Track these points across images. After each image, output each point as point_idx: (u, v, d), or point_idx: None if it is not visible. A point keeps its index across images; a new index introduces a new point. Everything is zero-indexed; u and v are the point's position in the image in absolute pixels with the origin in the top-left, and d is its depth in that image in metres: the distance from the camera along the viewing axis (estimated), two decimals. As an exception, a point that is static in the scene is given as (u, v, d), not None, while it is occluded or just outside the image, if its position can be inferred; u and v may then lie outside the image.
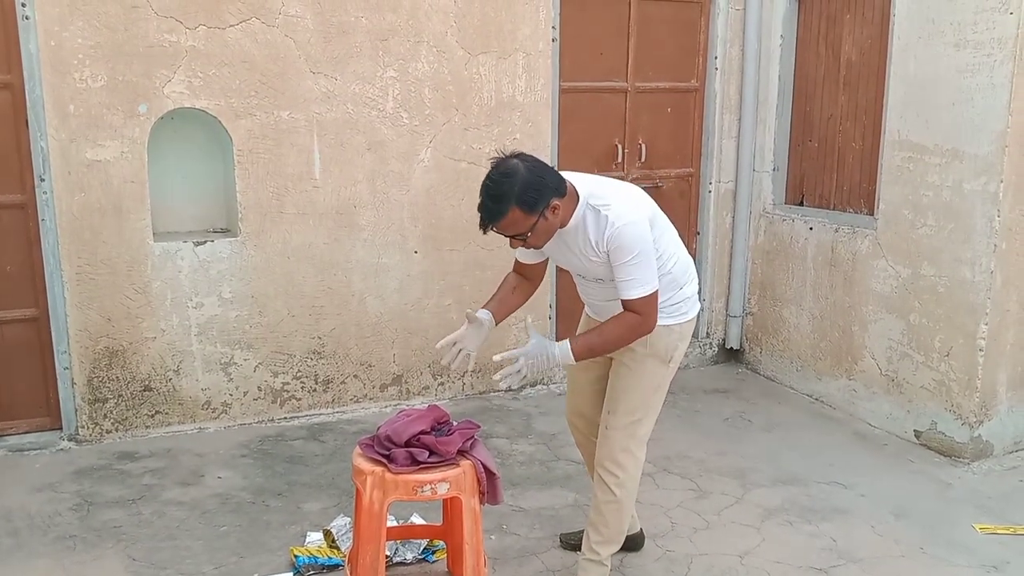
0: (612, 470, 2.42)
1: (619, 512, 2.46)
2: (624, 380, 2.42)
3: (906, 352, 3.72)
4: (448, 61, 3.87)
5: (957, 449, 3.52)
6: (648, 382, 2.42)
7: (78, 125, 3.37)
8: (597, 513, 2.48)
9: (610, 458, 2.42)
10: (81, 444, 3.57)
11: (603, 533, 2.47)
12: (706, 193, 4.62)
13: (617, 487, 2.43)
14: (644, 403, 2.43)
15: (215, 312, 3.69)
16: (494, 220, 2.16)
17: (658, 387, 2.45)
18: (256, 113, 3.61)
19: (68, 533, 2.87)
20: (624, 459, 2.42)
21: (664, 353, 2.41)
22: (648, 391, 2.43)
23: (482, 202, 2.18)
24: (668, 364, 2.43)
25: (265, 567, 2.67)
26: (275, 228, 3.73)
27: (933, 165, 3.54)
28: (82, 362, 3.52)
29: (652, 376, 2.41)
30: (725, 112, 4.53)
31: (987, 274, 3.36)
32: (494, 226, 2.18)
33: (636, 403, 2.41)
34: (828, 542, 2.88)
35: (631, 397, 2.41)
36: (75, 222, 3.43)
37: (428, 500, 2.26)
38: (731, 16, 4.42)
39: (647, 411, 2.44)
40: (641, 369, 2.40)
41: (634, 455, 2.44)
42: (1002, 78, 3.24)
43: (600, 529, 2.47)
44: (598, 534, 2.48)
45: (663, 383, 2.46)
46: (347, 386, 3.98)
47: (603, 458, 2.44)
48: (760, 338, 4.62)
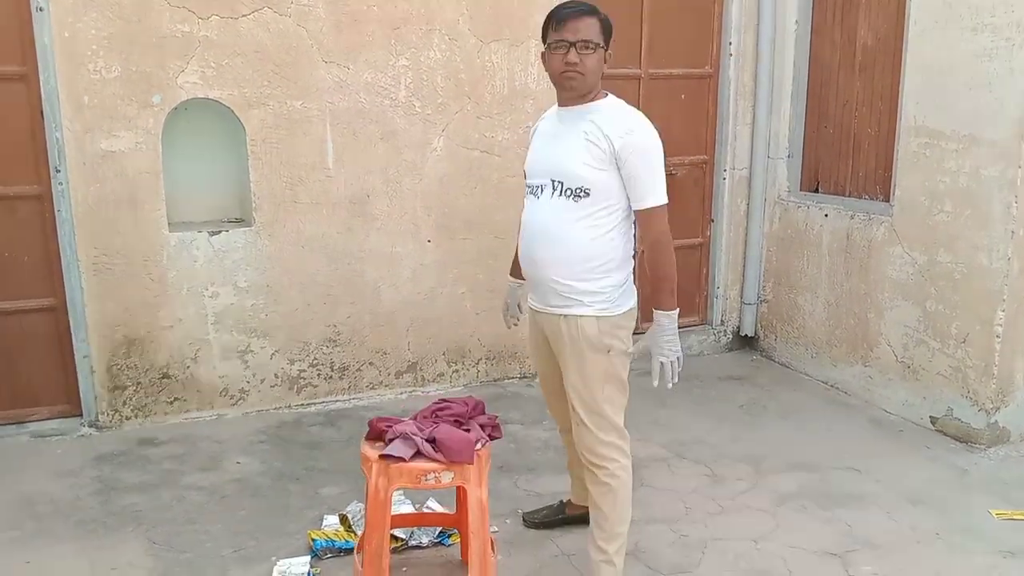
0: (596, 462, 2.37)
1: (614, 502, 2.38)
2: (571, 376, 2.34)
3: (922, 339, 3.70)
4: (460, 49, 3.87)
5: (973, 435, 3.51)
6: (593, 373, 2.31)
7: (93, 116, 3.39)
8: (595, 508, 2.42)
9: (589, 452, 2.37)
10: (101, 430, 3.61)
11: (604, 528, 2.40)
12: (720, 180, 4.60)
13: (608, 477, 2.36)
14: (596, 396, 2.32)
15: (231, 301, 3.72)
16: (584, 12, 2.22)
17: (607, 377, 2.32)
18: (269, 103, 3.62)
19: (90, 517, 2.92)
20: (603, 450, 2.35)
21: (598, 342, 2.29)
22: (596, 383, 2.32)
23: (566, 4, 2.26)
24: (608, 355, 2.30)
25: (283, 550, 2.71)
26: (289, 218, 3.75)
27: (950, 151, 3.51)
28: (101, 350, 3.56)
29: (594, 367, 2.30)
30: (739, 99, 4.50)
31: (1004, 261, 3.34)
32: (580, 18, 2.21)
33: (588, 397, 2.33)
34: (843, 527, 2.89)
35: (583, 391, 2.33)
36: (91, 213, 3.46)
37: (432, 488, 2.26)
38: (745, 2, 4.39)
39: (604, 402, 2.33)
40: (581, 363, 2.31)
41: (612, 444, 2.35)
42: (1020, 62, 3.20)
43: (601, 524, 2.41)
44: (600, 530, 2.41)
45: (612, 371, 2.33)
46: (363, 373, 4.01)
47: (583, 453, 2.39)
48: (775, 325, 4.61)
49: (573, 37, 2.22)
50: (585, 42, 2.22)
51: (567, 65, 2.23)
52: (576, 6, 2.26)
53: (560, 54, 2.24)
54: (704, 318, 4.79)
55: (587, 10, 2.25)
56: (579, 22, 2.22)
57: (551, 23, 2.27)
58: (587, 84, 2.27)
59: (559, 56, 2.25)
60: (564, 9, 2.26)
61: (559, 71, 2.26)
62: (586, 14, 2.24)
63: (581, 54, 2.22)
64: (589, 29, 2.23)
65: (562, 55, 2.24)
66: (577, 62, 2.22)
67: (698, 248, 4.70)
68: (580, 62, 2.22)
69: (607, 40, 2.28)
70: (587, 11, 2.25)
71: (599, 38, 2.25)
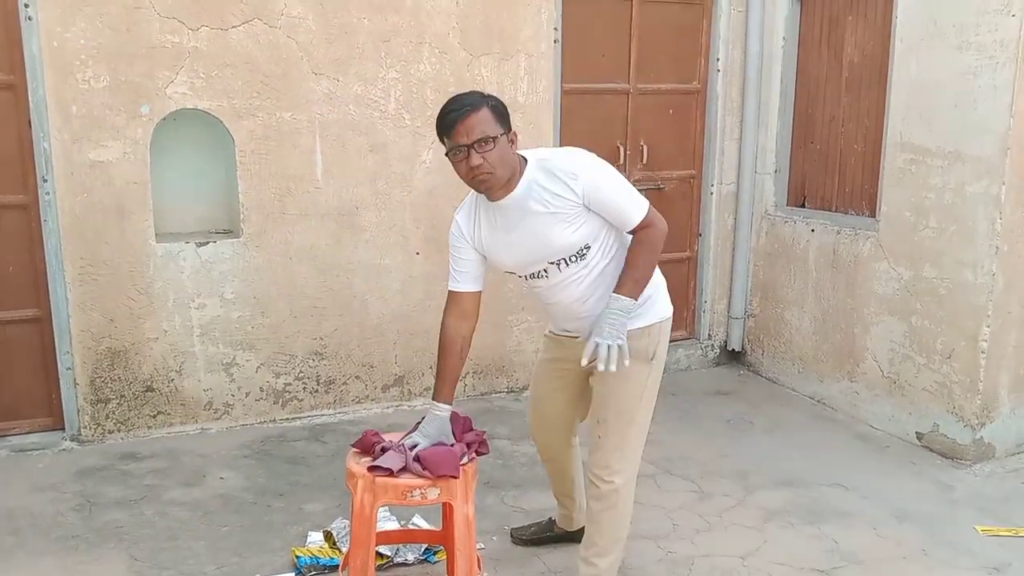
0: (605, 477, 2.32)
1: (615, 520, 2.34)
2: (609, 385, 2.30)
3: (908, 354, 3.72)
4: (450, 62, 3.88)
5: (959, 451, 3.52)
6: (634, 383, 2.30)
7: (81, 126, 3.37)
8: (592, 523, 2.38)
9: (603, 464, 2.32)
10: (83, 444, 3.57)
11: (599, 543, 2.37)
12: (708, 195, 4.63)
13: (612, 493, 2.32)
14: (632, 406, 2.31)
15: (217, 313, 3.70)
16: (469, 108, 2.06)
17: (645, 387, 2.33)
18: (258, 114, 3.61)
19: (71, 533, 2.88)
20: (618, 465, 2.31)
21: (644, 351, 2.29)
22: (635, 394, 2.31)
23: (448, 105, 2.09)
24: (651, 361, 2.32)
25: (267, 567, 2.68)
26: (277, 229, 3.73)
27: (935, 167, 3.54)
28: (84, 363, 3.53)
29: (637, 376, 2.29)
30: (727, 114, 4.53)
31: (989, 276, 3.36)
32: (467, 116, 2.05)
33: (624, 407, 2.32)
34: (830, 544, 2.88)
35: (619, 401, 2.31)
36: (77, 223, 3.43)
37: (418, 504, 2.24)
38: (733, 18, 4.42)
39: (636, 414, 2.32)
40: (623, 372, 2.23)
41: (629, 461, 2.34)
42: (1004, 80, 3.24)
43: (596, 540, 2.37)
44: (594, 545, 2.38)
45: (650, 383, 2.34)
46: (349, 387, 3.98)
47: (595, 465, 2.34)
48: (762, 340, 4.62)
49: (468, 140, 2.07)
50: (481, 141, 2.07)
51: (473, 170, 2.10)
52: (460, 105, 2.09)
53: (462, 160, 2.11)
54: (691, 332, 4.80)
55: (473, 104, 2.08)
56: (468, 120, 2.06)
57: (441, 130, 2.13)
58: (501, 177, 2.13)
59: (462, 163, 2.11)
60: (450, 113, 2.09)
61: (468, 178, 2.14)
62: (473, 110, 2.07)
63: (482, 153, 2.08)
64: (482, 124, 2.07)
65: (464, 161, 2.10)
66: (481, 163, 2.08)
67: (686, 262, 4.72)
68: (484, 161, 2.08)
69: (506, 123, 2.13)
70: (473, 106, 2.08)
71: (496, 128, 2.09)
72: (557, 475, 2.70)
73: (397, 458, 2.18)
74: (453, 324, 2.32)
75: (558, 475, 2.69)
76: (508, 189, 2.17)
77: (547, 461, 2.71)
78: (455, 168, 2.16)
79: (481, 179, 2.12)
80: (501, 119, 2.13)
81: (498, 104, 2.15)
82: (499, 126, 2.11)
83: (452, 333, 2.31)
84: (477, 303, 2.34)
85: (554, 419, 2.58)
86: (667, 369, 4.63)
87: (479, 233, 2.28)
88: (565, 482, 2.70)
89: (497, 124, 2.11)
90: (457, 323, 2.32)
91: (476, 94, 2.15)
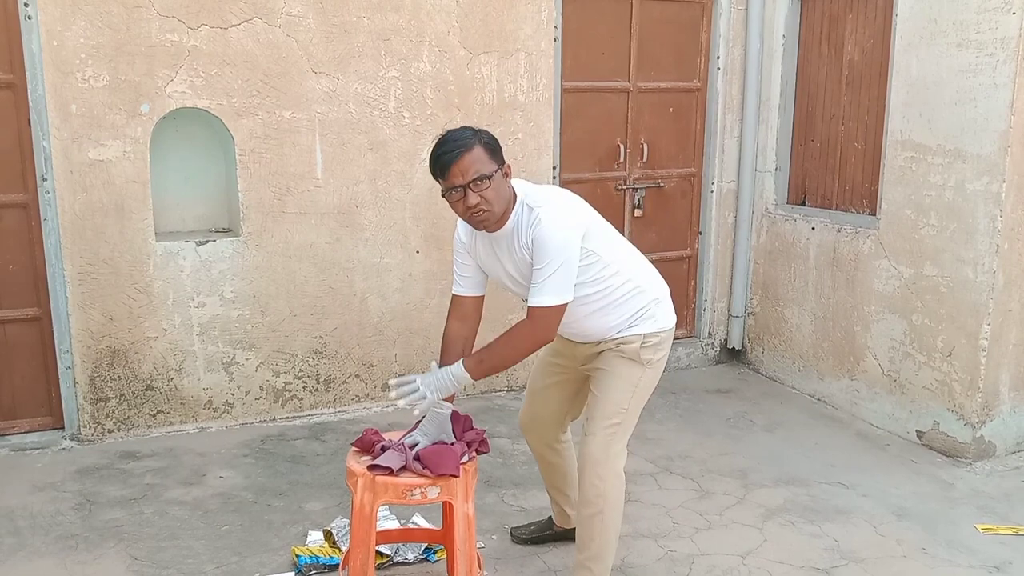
0: (593, 480, 2.32)
1: (603, 524, 2.33)
2: (602, 384, 2.35)
3: (908, 352, 3.72)
4: (450, 61, 3.87)
5: (959, 449, 3.52)
6: (625, 384, 2.33)
7: (80, 125, 3.37)
8: (582, 527, 2.38)
9: (590, 465, 2.33)
10: (83, 443, 3.57)
11: (591, 548, 2.36)
12: (708, 193, 4.62)
13: (598, 497, 2.31)
14: (621, 407, 2.32)
15: (217, 312, 3.69)
16: (461, 148, 2.07)
17: (636, 389, 2.34)
18: (258, 113, 3.61)
19: (70, 532, 2.88)
20: (604, 468, 2.31)
21: (637, 356, 2.33)
22: (625, 394, 2.33)
23: (440, 146, 2.10)
24: (644, 367, 2.35)
25: (267, 567, 2.68)
26: (277, 228, 3.73)
27: (935, 165, 3.53)
28: (84, 361, 3.53)
29: (628, 378, 2.33)
30: (727, 112, 4.53)
31: (989, 274, 3.36)
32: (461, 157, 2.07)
33: (613, 407, 2.33)
34: (830, 542, 2.88)
35: (609, 400, 2.33)
36: (77, 222, 3.43)
37: (418, 503, 2.24)
38: (733, 16, 4.42)
39: (626, 415, 2.34)
40: (616, 371, 2.33)
41: (614, 461, 2.34)
42: (1004, 78, 3.23)
43: (588, 544, 2.37)
44: (587, 549, 2.37)
45: (641, 385, 2.36)
46: (349, 386, 3.98)
47: (583, 466, 2.35)
48: (762, 338, 4.62)
49: (463, 180, 2.09)
50: (476, 180, 2.09)
51: (470, 209, 2.12)
52: (453, 146, 2.10)
53: (458, 199, 2.13)
54: (692, 330, 4.80)
55: (465, 144, 2.09)
56: (462, 161, 2.08)
57: (435, 171, 2.14)
58: (498, 212, 2.16)
59: (459, 203, 2.14)
60: (443, 155, 2.10)
61: (466, 217, 2.17)
62: (466, 150, 2.09)
63: (479, 192, 2.10)
64: (475, 164, 2.09)
65: (460, 200, 2.13)
66: (479, 201, 2.11)
67: (686, 260, 4.71)
68: (482, 199, 2.11)
69: (498, 157, 2.15)
70: (466, 146, 2.09)
71: (489, 165, 2.11)
72: (547, 470, 2.70)
73: (397, 457, 2.18)
74: (455, 326, 2.38)
75: (548, 470, 2.70)
76: (501, 223, 2.20)
77: (536, 456, 2.72)
78: (452, 207, 2.18)
79: (479, 218, 2.16)
80: (494, 155, 2.14)
81: (490, 140, 2.16)
82: (493, 162, 2.13)
83: (453, 334, 2.37)
84: (479, 307, 2.40)
85: (543, 415, 2.60)
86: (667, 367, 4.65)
87: (477, 250, 2.33)
88: (556, 477, 2.70)
89: (491, 161, 2.13)
90: (459, 325, 2.38)
91: (467, 131, 2.15)
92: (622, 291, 2.32)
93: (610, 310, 2.31)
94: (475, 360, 2.23)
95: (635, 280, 2.35)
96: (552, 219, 2.15)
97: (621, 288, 2.32)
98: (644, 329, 2.34)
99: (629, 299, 2.33)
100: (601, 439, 2.32)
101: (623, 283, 2.33)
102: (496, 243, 2.26)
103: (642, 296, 2.36)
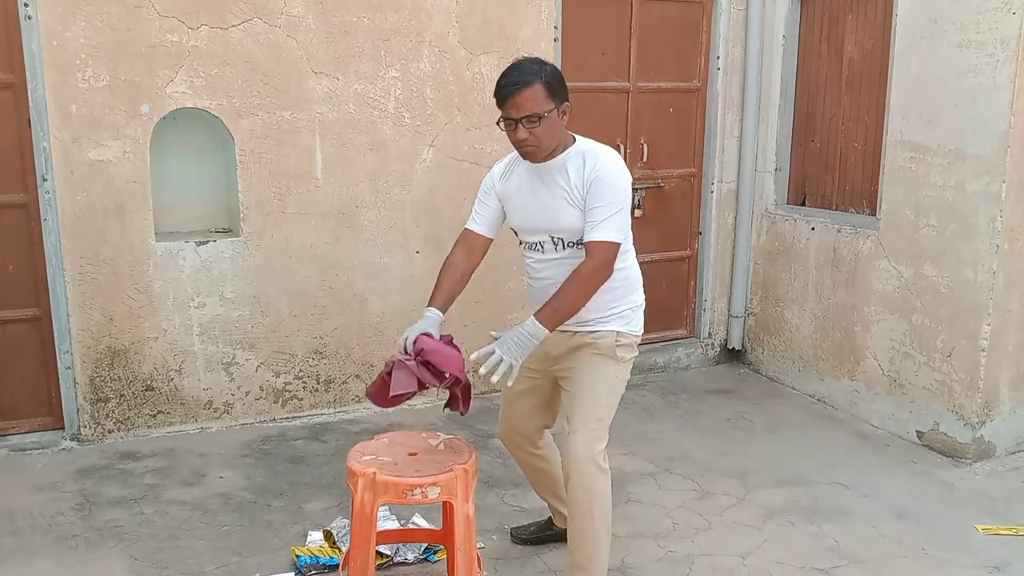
0: (576, 478, 2.32)
1: (594, 522, 2.32)
2: (579, 382, 2.37)
3: (908, 352, 3.72)
4: (450, 61, 3.87)
5: (959, 450, 3.52)
6: (602, 381, 2.35)
7: (80, 125, 3.37)
8: (573, 528, 2.37)
9: (576, 465, 2.32)
10: (83, 444, 3.57)
11: (584, 548, 2.36)
12: (708, 193, 4.62)
13: (587, 496, 2.31)
14: (602, 403, 2.35)
15: (217, 312, 3.69)
16: (520, 85, 2.15)
17: (612, 385, 2.37)
18: (258, 113, 3.61)
19: (70, 533, 2.88)
20: (590, 466, 2.30)
21: (611, 351, 2.36)
22: (604, 391, 2.36)
23: (505, 76, 2.19)
24: (619, 363, 2.38)
25: (267, 567, 2.68)
26: (277, 228, 3.73)
27: (935, 165, 3.53)
28: (84, 362, 3.53)
29: (604, 375, 2.36)
30: (727, 112, 4.53)
31: (989, 275, 3.36)
32: (518, 93, 2.15)
33: (594, 404, 2.34)
34: (830, 543, 2.88)
35: (589, 398, 2.34)
36: (77, 222, 3.43)
37: (418, 503, 2.24)
38: (733, 16, 4.42)
39: (606, 411, 2.36)
40: (593, 368, 2.35)
41: (599, 459, 2.34)
42: (1005, 78, 3.23)
43: (580, 544, 2.36)
44: (580, 549, 2.37)
45: (616, 382, 2.39)
46: (349, 386, 3.98)
47: (569, 467, 2.34)
48: (762, 338, 4.62)
49: (517, 114, 2.19)
50: (529, 116, 2.18)
51: (519, 141, 2.23)
52: (514, 79, 2.18)
53: (510, 130, 2.23)
54: (692, 331, 4.79)
55: (525, 81, 2.17)
56: (519, 97, 2.17)
57: (497, 97, 2.23)
58: (544, 150, 2.25)
59: (511, 132, 2.23)
60: (504, 86, 2.20)
61: (515, 145, 2.27)
62: (525, 86, 2.17)
63: (528, 128, 2.19)
64: (531, 101, 2.17)
65: (512, 131, 2.22)
66: (527, 137, 2.20)
67: (686, 261, 4.71)
68: (530, 135, 2.20)
69: (557, 96, 2.21)
70: (525, 82, 2.17)
71: (545, 105, 2.18)
72: (536, 476, 2.70)
73: (408, 378, 2.14)
74: (459, 255, 2.45)
75: (537, 476, 2.70)
76: (548, 157, 2.28)
77: (521, 465, 2.71)
78: (506, 133, 2.27)
79: (526, 150, 2.26)
80: (554, 93, 2.21)
81: (553, 79, 2.22)
82: (550, 101, 2.20)
83: (456, 260, 2.44)
84: (485, 247, 2.47)
85: (520, 427, 2.60)
86: (667, 368, 4.70)
87: (507, 182, 2.40)
88: (546, 481, 2.70)
89: (549, 100, 2.20)
90: (463, 255, 2.44)
91: (534, 66, 2.21)
92: (624, 276, 2.37)
93: (607, 289, 2.32)
94: (549, 311, 2.21)
95: (633, 277, 2.42)
96: (617, 167, 2.26)
97: (625, 273, 2.37)
98: (618, 327, 2.37)
99: (624, 288, 2.38)
100: (584, 437, 2.32)
101: (627, 273, 2.38)
102: (539, 175, 2.32)
103: (633, 295, 2.42)
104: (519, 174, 2.38)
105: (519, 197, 2.37)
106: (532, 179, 2.33)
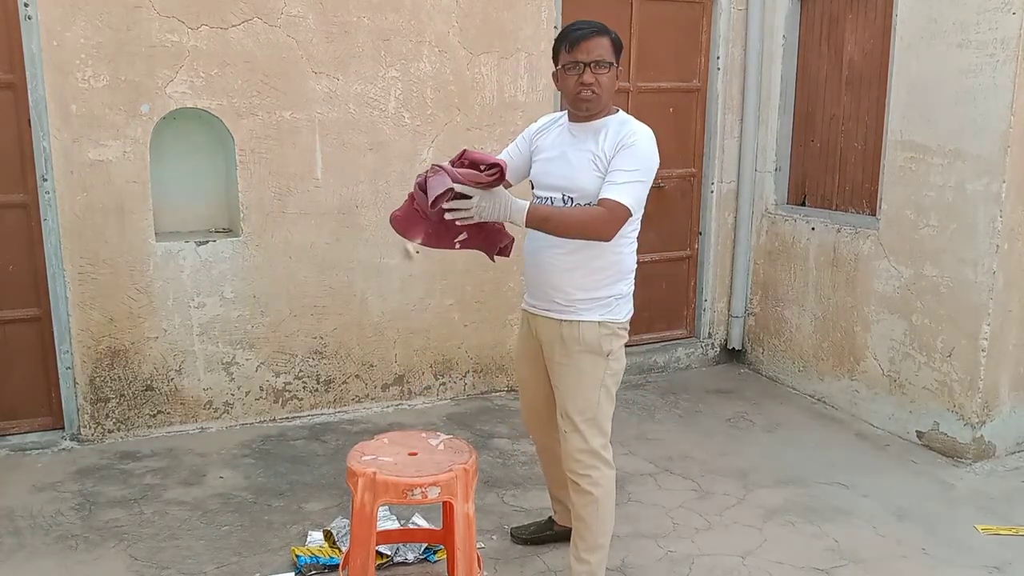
0: (580, 471, 2.36)
1: (597, 511, 2.37)
2: (565, 380, 2.38)
3: (908, 352, 3.72)
4: (450, 61, 3.87)
5: (959, 450, 3.52)
6: (589, 379, 2.35)
7: (80, 125, 3.37)
8: (578, 519, 2.41)
9: (574, 460, 2.36)
10: (83, 444, 3.57)
11: (587, 539, 2.39)
12: (708, 193, 4.62)
13: (591, 485, 2.36)
14: (590, 400, 2.35)
15: (217, 312, 3.69)
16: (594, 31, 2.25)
17: (602, 382, 2.37)
18: (258, 113, 3.61)
19: (70, 533, 2.88)
20: (588, 459, 2.35)
21: (597, 347, 2.35)
22: (591, 388, 2.35)
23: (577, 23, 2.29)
24: (607, 359, 2.36)
25: (267, 567, 2.68)
26: (277, 228, 3.73)
27: (935, 165, 3.53)
28: (84, 362, 3.53)
29: (592, 372, 2.35)
30: (727, 112, 4.53)
31: (989, 275, 3.36)
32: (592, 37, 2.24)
33: (582, 402, 2.35)
34: (830, 543, 2.88)
35: (577, 397, 2.36)
36: (77, 222, 3.43)
37: (418, 503, 2.24)
38: (733, 16, 4.42)
39: (597, 408, 2.36)
40: (579, 366, 2.34)
41: (598, 453, 2.37)
42: (1005, 78, 3.23)
43: (583, 535, 2.39)
44: (583, 540, 2.40)
45: (607, 378, 2.37)
46: (349, 386, 3.98)
47: (569, 462, 2.38)
48: (762, 338, 4.62)
49: (587, 58, 2.26)
50: (598, 62, 2.26)
51: (582, 85, 2.27)
52: (588, 27, 2.29)
53: (575, 75, 2.28)
54: (691, 331, 4.79)
55: (599, 30, 2.29)
56: (591, 42, 2.26)
57: (564, 44, 2.30)
58: (601, 102, 2.31)
59: (574, 77, 2.28)
60: (576, 31, 2.28)
61: (575, 92, 2.30)
62: (598, 34, 2.28)
63: (596, 73, 2.27)
64: (602, 49, 2.27)
65: (577, 76, 2.27)
66: (592, 82, 2.27)
67: (686, 261, 4.71)
68: (595, 81, 2.27)
69: (618, 58, 2.32)
70: (599, 31, 2.29)
71: (611, 57, 2.29)
72: (550, 464, 2.71)
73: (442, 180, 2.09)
74: None
75: (551, 464, 2.70)
76: (592, 116, 2.34)
77: (539, 450, 2.73)
78: (563, 82, 2.32)
79: (586, 97, 2.29)
80: (617, 53, 2.32)
81: (618, 39, 2.33)
82: (614, 56, 2.30)
83: None
84: None
85: (537, 404, 2.61)
86: (667, 368, 4.70)
87: (543, 137, 2.46)
88: (560, 471, 2.70)
89: (614, 54, 2.30)
90: None
91: (601, 24, 2.32)
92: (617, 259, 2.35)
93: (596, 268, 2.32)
94: (541, 211, 2.22)
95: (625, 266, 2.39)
96: (651, 143, 2.31)
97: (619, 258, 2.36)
98: (599, 317, 2.34)
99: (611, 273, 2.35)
100: (580, 434, 2.35)
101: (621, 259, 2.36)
102: (573, 134, 2.36)
103: (620, 284, 2.38)
104: (555, 132, 2.44)
105: (548, 151, 2.42)
106: (565, 138, 2.39)
